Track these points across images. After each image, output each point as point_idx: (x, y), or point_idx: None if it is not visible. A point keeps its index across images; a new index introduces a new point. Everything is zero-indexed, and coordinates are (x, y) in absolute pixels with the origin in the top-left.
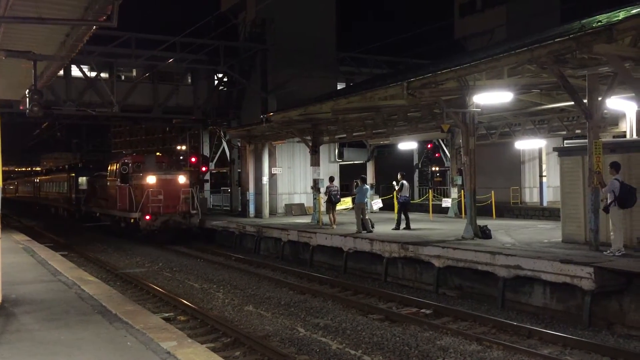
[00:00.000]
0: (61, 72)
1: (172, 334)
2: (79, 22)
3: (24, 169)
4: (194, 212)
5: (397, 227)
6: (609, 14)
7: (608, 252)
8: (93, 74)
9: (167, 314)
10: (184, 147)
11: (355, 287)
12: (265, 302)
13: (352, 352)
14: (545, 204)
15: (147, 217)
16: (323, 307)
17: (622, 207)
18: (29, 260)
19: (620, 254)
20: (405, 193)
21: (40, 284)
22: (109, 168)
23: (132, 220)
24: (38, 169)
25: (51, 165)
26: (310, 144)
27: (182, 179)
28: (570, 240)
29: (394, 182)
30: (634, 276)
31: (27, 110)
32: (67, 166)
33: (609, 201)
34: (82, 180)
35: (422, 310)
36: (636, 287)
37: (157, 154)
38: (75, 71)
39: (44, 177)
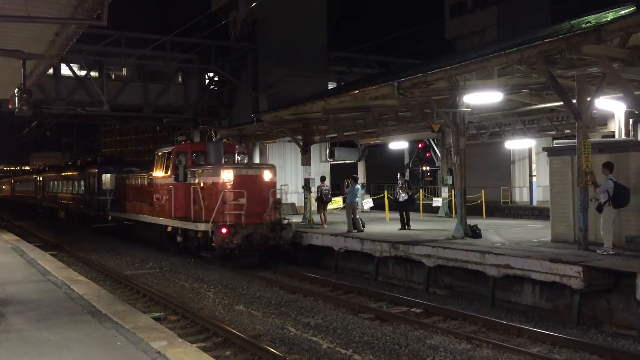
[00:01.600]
0: (50, 71)
1: (162, 334)
2: (69, 20)
3: (12, 167)
4: (286, 222)
5: (403, 227)
6: (598, 15)
7: (600, 251)
8: (83, 72)
9: (157, 314)
10: None
11: (346, 287)
12: (255, 301)
13: (343, 351)
14: (535, 203)
15: (224, 230)
16: (314, 306)
17: (616, 207)
18: (18, 260)
19: (609, 253)
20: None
21: (29, 284)
22: (155, 161)
23: (198, 234)
24: (27, 167)
25: (40, 164)
26: (301, 144)
27: (267, 175)
28: (560, 239)
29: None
30: (622, 275)
31: (16, 110)
32: (81, 162)
33: (602, 201)
34: (107, 178)
35: (412, 310)
36: (624, 286)
37: (225, 140)
38: (64, 70)
39: (49, 175)
